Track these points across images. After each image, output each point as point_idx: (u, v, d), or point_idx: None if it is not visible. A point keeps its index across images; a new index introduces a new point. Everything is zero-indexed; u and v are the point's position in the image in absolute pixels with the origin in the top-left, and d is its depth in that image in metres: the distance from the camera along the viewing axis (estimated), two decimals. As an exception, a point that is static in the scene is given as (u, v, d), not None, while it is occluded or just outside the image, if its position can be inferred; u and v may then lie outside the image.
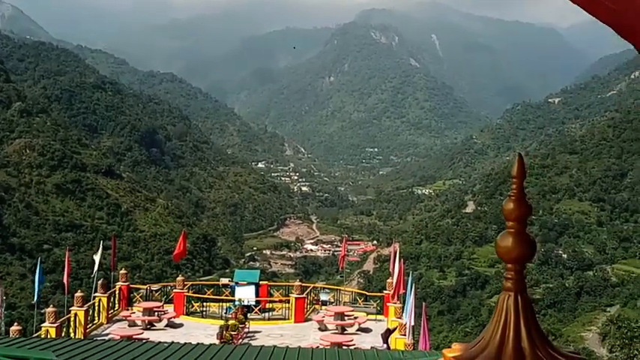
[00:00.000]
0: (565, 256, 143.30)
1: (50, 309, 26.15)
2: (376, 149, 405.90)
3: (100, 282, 30.10)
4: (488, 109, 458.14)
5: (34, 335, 24.03)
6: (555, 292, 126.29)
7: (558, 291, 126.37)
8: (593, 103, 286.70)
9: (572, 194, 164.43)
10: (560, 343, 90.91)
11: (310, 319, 30.57)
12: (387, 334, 25.02)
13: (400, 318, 26.09)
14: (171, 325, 29.65)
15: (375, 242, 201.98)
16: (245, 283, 32.71)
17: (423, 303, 26.91)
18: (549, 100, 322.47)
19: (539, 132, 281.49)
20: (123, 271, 33.35)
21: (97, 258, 31.32)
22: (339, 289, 36.63)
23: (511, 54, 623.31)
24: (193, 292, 33.42)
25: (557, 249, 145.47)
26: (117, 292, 31.51)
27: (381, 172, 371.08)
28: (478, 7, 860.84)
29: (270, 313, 31.38)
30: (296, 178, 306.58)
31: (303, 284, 33.47)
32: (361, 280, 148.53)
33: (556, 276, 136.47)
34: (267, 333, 28.45)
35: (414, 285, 24.28)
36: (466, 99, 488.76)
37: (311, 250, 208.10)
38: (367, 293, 36.72)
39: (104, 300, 29.58)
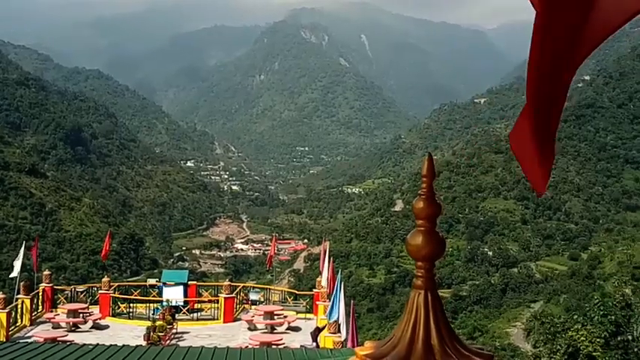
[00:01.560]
0: (491, 253, 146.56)
1: (-30, 312, 25.33)
2: (307, 148, 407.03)
3: (22, 283, 29.29)
4: (417, 108, 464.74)
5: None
6: (481, 288, 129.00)
7: (484, 288, 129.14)
8: (518, 103, 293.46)
9: (498, 193, 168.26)
10: (486, 339, 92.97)
11: (240, 319, 30.41)
12: (316, 333, 25.07)
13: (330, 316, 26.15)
14: (97, 326, 29.08)
15: (305, 241, 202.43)
16: (173, 283, 32.35)
17: (352, 301, 27.09)
18: (475, 100, 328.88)
19: (466, 132, 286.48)
20: (47, 272, 32.48)
21: (18, 259, 30.49)
22: (269, 289, 36.58)
23: (439, 55, 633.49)
24: (120, 293, 32.88)
25: (483, 246, 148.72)
26: (40, 293, 30.71)
27: (311, 171, 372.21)
28: (406, 8, 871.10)
29: (199, 314, 31.12)
30: (226, 177, 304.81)
31: (233, 284, 33.32)
32: (292, 279, 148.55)
33: (482, 273, 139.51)
34: (196, 333, 28.17)
35: (342, 283, 24.41)
36: (395, 99, 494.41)
37: (241, 250, 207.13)
38: (297, 292, 36.80)
39: (27, 302, 28.76)
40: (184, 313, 30.48)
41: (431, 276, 3.02)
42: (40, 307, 30.50)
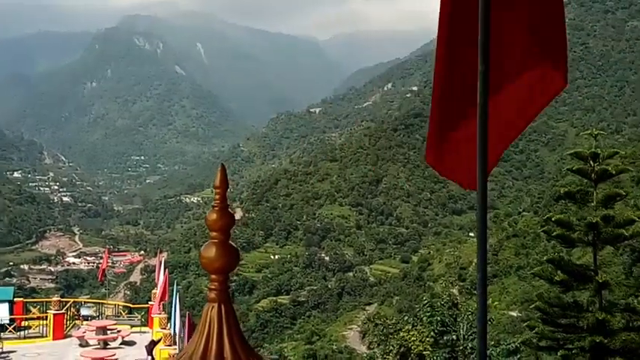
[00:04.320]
0: (327, 258, 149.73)
1: None
2: (142, 157, 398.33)
3: None
4: (254, 117, 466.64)
5: None
6: (319, 293, 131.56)
7: (322, 292, 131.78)
8: (351, 113, 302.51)
9: (333, 199, 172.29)
10: (324, 343, 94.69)
11: (70, 336, 29.33)
12: (151, 346, 24.62)
13: (165, 328, 25.82)
14: None
15: (142, 252, 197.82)
16: (-4, 301, 30.59)
17: (188, 312, 26.84)
18: (311, 109, 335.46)
19: (302, 140, 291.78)
20: None
21: None
22: (102, 303, 35.59)
23: (275, 64, 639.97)
24: (-63, 315, 30.68)
25: (320, 252, 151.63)
26: None
27: (148, 181, 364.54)
28: (242, 18, 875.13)
29: (26, 332, 29.64)
30: (56, 188, 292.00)
31: (63, 299, 32.08)
32: (128, 292, 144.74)
33: (319, 278, 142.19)
34: (23, 352, 26.82)
35: (178, 294, 24.16)
36: (232, 108, 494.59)
37: (73, 264, 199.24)
38: (131, 305, 36.05)
39: None
40: (10, 331, 28.97)
41: (225, 288, 3.00)
42: None
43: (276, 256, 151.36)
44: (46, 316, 29.66)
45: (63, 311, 29.82)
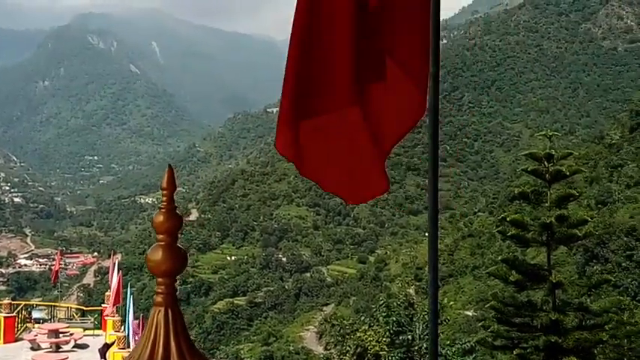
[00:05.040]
0: (285, 259, 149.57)
1: None
2: (96, 157, 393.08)
3: None
4: (211, 117, 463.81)
5: None
6: (276, 294, 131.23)
7: (279, 293, 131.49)
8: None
9: (291, 200, 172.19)
10: (281, 344, 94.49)
11: (22, 339, 28.73)
12: (104, 349, 24.24)
13: (119, 331, 25.42)
14: None
15: (95, 254, 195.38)
16: (-56, 305, 29.81)
17: (142, 315, 26.46)
18: (268, 109, 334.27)
19: (260, 140, 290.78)
20: None
21: None
22: (55, 305, 34.95)
23: (231, 64, 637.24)
24: None
25: (277, 253, 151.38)
26: None
27: (101, 181, 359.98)
28: (197, 16, 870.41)
29: (-24, 336, 28.95)
30: (7, 188, 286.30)
31: (14, 302, 31.40)
32: (81, 295, 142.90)
33: (276, 279, 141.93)
34: (-28, 357, 26.20)
35: (132, 296, 23.83)
36: (188, 107, 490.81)
37: (25, 266, 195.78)
38: (84, 308, 35.47)
39: None
40: (-42, 336, 28.23)
41: (171, 292, 2.97)
42: None
43: (233, 257, 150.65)
44: (-4, 320, 29.05)
45: (14, 314, 29.23)
